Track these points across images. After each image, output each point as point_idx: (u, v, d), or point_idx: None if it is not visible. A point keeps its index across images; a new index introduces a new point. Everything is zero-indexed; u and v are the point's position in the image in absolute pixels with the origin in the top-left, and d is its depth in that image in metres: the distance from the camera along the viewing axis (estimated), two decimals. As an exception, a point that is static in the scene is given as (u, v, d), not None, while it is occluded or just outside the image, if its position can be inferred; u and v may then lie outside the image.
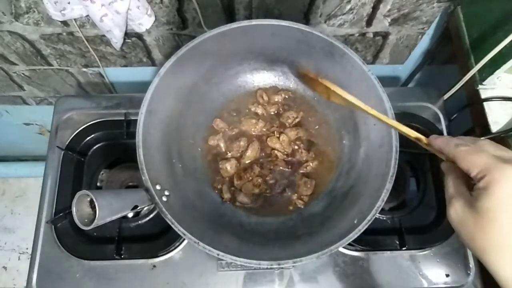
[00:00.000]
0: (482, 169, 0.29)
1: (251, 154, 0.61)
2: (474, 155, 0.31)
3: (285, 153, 0.61)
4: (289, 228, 0.57)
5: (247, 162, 0.61)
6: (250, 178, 0.59)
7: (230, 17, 0.66)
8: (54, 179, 0.65)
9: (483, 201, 0.28)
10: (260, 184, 0.59)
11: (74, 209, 0.41)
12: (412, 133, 0.41)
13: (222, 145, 0.62)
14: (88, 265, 0.60)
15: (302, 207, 0.59)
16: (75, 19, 0.64)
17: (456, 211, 0.31)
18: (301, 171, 0.60)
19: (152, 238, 0.62)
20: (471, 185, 0.32)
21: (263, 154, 0.62)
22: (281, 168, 0.61)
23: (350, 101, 0.47)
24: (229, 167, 0.60)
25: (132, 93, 0.73)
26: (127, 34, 0.68)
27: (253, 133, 0.63)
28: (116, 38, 0.65)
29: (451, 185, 0.33)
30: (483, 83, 0.60)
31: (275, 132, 0.62)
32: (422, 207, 0.65)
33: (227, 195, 0.58)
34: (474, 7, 0.62)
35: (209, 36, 0.53)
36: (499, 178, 0.28)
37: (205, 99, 0.62)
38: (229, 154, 0.61)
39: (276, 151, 0.61)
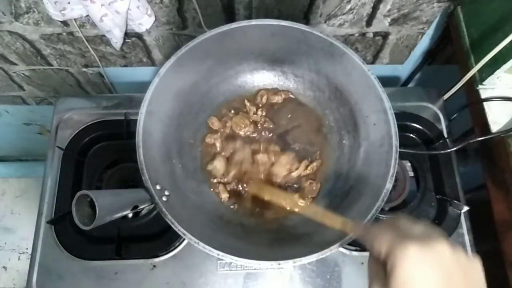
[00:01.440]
0: (386, 251, 0.29)
1: (238, 159, 0.60)
2: (380, 238, 0.30)
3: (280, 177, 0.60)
4: (289, 228, 0.57)
5: (235, 167, 0.60)
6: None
7: (230, 17, 0.66)
8: (54, 179, 0.65)
9: (392, 282, 0.27)
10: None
11: (74, 209, 0.41)
12: (337, 224, 0.42)
13: (218, 144, 0.61)
14: (88, 265, 0.60)
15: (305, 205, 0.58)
16: (75, 19, 0.64)
17: None
18: (304, 174, 0.60)
19: (152, 238, 0.62)
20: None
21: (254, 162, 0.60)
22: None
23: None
24: (218, 165, 0.59)
25: (132, 93, 0.73)
26: (127, 34, 0.68)
27: (241, 135, 0.62)
28: (116, 38, 0.65)
29: (371, 269, 0.32)
30: (483, 83, 0.60)
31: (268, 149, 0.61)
32: (422, 207, 0.65)
33: (224, 195, 0.58)
34: (474, 7, 0.62)
35: (209, 36, 0.53)
36: (400, 258, 0.27)
37: (205, 99, 0.62)
38: (222, 153, 0.61)
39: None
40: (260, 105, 0.64)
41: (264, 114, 0.63)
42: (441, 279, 0.27)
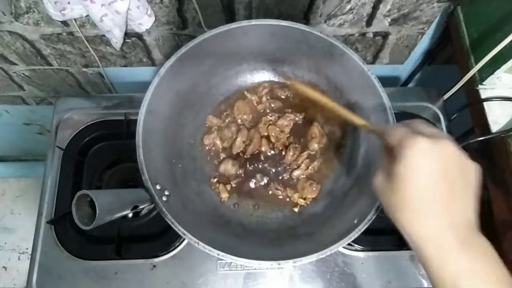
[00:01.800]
0: (398, 140, 0.32)
1: (239, 143, 0.60)
2: (395, 130, 0.34)
3: (279, 140, 0.61)
4: (289, 228, 0.57)
5: (237, 151, 0.61)
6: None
7: (230, 17, 0.66)
8: (54, 179, 0.65)
9: (396, 167, 0.31)
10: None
11: (74, 209, 0.41)
12: (359, 121, 0.44)
13: (218, 142, 0.61)
14: (88, 265, 0.60)
15: (305, 204, 0.59)
16: (75, 19, 0.64)
17: (378, 179, 0.34)
18: (304, 175, 0.60)
19: (152, 238, 0.62)
20: None
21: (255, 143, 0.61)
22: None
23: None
24: (229, 166, 0.59)
25: (132, 93, 0.73)
26: (127, 34, 0.68)
27: (243, 117, 0.63)
28: (116, 38, 0.65)
29: (381, 159, 0.36)
30: (483, 83, 0.60)
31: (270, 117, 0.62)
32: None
33: (224, 195, 0.58)
34: (474, 7, 0.62)
35: (209, 36, 0.53)
36: (409, 145, 0.30)
37: (205, 99, 0.62)
38: (223, 155, 0.61)
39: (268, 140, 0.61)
40: (262, 95, 0.64)
41: (268, 98, 0.64)
42: (439, 168, 0.30)
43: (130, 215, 0.63)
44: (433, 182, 0.30)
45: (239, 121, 0.63)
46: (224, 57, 0.59)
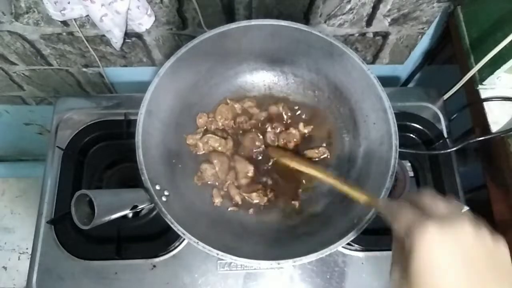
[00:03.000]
0: (406, 231, 0.27)
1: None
2: (401, 214, 0.29)
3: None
4: (289, 228, 0.57)
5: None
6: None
7: (230, 17, 0.66)
8: (54, 179, 0.65)
9: (410, 262, 0.26)
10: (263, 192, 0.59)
11: (73, 209, 0.41)
12: (361, 197, 0.42)
13: (200, 145, 0.60)
14: (88, 265, 0.60)
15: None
16: (75, 19, 0.64)
17: (394, 276, 0.29)
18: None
19: (152, 238, 0.62)
20: None
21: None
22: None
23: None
24: (207, 168, 0.59)
25: (132, 93, 0.73)
26: (127, 34, 0.68)
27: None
28: (116, 38, 0.65)
29: (393, 250, 0.31)
30: (483, 83, 0.60)
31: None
32: (422, 207, 0.65)
33: (217, 199, 0.58)
34: (474, 7, 0.62)
35: (209, 36, 0.53)
36: (418, 239, 0.26)
37: (205, 99, 0.62)
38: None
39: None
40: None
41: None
42: (463, 263, 0.25)
43: (130, 215, 0.63)
44: (455, 277, 0.25)
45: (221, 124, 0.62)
46: (224, 57, 0.59)
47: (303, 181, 0.60)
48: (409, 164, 0.67)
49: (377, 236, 0.62)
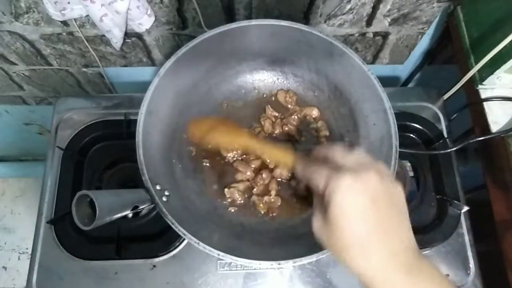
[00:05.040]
0: (324, 185, 0.32)
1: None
2: (316, 174, 0.33)
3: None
4: (289, 228, 0.57)
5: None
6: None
7: (230, 17, 0.66)
8: (54, 179, 0.65)
9: (328, 210, 0.31)
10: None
11: (74, 209, 0.41)
12: (278, 156, 0.44)
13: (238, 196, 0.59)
14: (88, 265, 0.60)
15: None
16: (75, 19, 0.64)
17: (316, 224, 0.34)
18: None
19: (152, 238, 0.62)
20: None
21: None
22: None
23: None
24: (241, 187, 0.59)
25: (132, 93, 0.73)
26: (127, 34, 0.68)
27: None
28: (116, 38, 0.65)
29: (314, 204, 0.35)
30: (483, 83, 0.60)
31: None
32: (422, 207, 0.65)
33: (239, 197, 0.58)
34: (474, 7, 0.62)
35: (209, 36, 0.53)
36: (334, 191, 0.30)
37: (205, 99, 0.62)
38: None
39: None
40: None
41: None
42: (369, 203, 0.30)
43: (130, 215, 0.63)
44: (363, 216, 0.30)
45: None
46: (224, 57, 0.59)
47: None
48: (409, 164, 0.68)
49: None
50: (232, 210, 0.58)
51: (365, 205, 0.30)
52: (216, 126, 0.52)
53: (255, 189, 0.59)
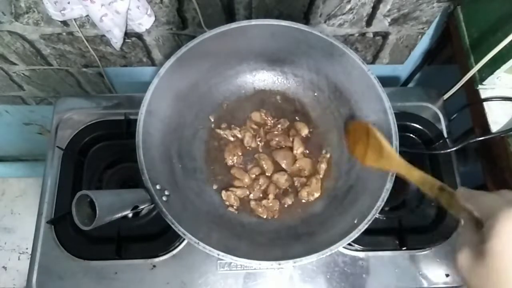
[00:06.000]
0: (491, 212, 0.28)
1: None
2: (485, 197, 0.31)
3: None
4: (289, 228, 0.57)
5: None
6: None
7: (230, 17, 0.66)
8: (54, 179, 0.65)
9: (490, 243, 0.27)
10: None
11: (74, 209, 0.41)
12: (437, 183, 0.41)
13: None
14: (88, 265, 0.60)
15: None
16: (75, 19, 0.64)
17: (464, 258, 0.29)
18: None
19: (152, 238, 0.62)
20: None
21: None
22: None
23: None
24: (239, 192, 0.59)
25: (132, 93, 0.73)
26: (127, 34, 0.68)
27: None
28: (116, 38, 0.65)
29: (463, 233, 0.32)
30: (483, 83, 0.60)
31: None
32: (422, 207, 0.65)
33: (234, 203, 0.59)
34: (474, 7, 0.62)
35: (209, 36, 0.53)
36: (506, 218, 0.27)
37: (205, 99, 0.62)
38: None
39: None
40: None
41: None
42: None
43: (130, 215, 0.63)
44: None
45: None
46: (224, 57, 0.59)
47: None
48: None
49: (377, 236, 0.62)
50: (232, 210, 0.58)
51: None
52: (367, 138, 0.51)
53: (251, 195, 0.59)
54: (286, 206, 0.59)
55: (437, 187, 0.41)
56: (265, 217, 0.58)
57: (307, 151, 0.62)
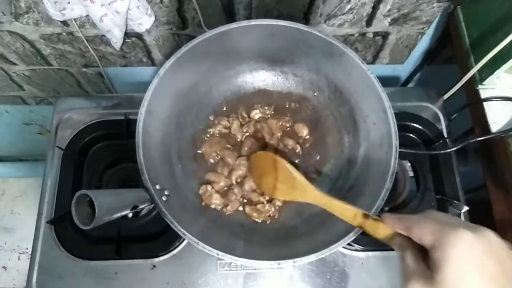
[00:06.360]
0: (432, 240, 0.27)
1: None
2: (421, 226, 0.29)
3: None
4: (289, 228, 0.57)
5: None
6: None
7: (230, 17, 0.66)
8: (54, 179, 0.65)
9: (441, 271, 0.26)
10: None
11: (73, 209, 0.41)
12: (360, 211, 0.40)
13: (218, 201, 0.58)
14: (88, 265, 0.60)
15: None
16: (75, 19, 0.64)
17: None
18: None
19: (152, 238, 0.62)
20: (427, 261, 0.29)
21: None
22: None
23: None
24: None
25: (132, 93, 0.73)
26: (127, 34, 0.68)
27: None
28: (116, 38, 0.65)
29: (408, 263, 0.30)
30: (483, 83, 0.60)
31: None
32: (422, 207, 0.65)
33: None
34: (474, 7, 0.62)
35: (209, 36, 0.53)
36: (452, 245, 0.26)
37: (204, 99, 0.62)
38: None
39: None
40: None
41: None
42: (496, 267, 0.25)
43: (130, 215, 0.63)
44: (490, 280, 0.25)
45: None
46: (224, 57, 0.59)
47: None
48: (409, 164, 0.68)
49: (377, 236, 0.62)
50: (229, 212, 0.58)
51: (492, 268, 0.25)
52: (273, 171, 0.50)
53: (239, 198, 0.58)
54: (286, 206, 0.59)
55: (360, 215, 0.40)
56: (260, 221, 0.57)
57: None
